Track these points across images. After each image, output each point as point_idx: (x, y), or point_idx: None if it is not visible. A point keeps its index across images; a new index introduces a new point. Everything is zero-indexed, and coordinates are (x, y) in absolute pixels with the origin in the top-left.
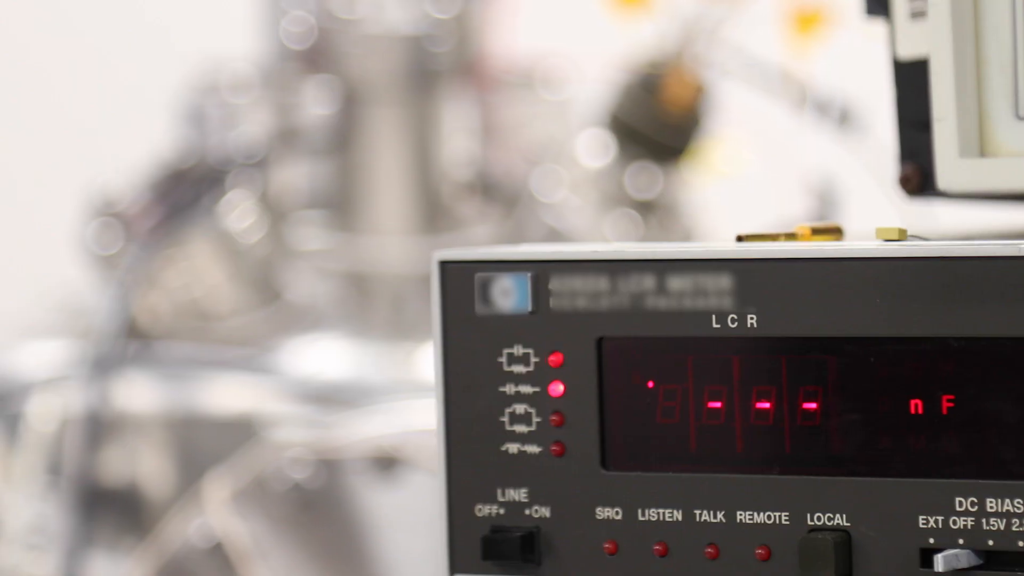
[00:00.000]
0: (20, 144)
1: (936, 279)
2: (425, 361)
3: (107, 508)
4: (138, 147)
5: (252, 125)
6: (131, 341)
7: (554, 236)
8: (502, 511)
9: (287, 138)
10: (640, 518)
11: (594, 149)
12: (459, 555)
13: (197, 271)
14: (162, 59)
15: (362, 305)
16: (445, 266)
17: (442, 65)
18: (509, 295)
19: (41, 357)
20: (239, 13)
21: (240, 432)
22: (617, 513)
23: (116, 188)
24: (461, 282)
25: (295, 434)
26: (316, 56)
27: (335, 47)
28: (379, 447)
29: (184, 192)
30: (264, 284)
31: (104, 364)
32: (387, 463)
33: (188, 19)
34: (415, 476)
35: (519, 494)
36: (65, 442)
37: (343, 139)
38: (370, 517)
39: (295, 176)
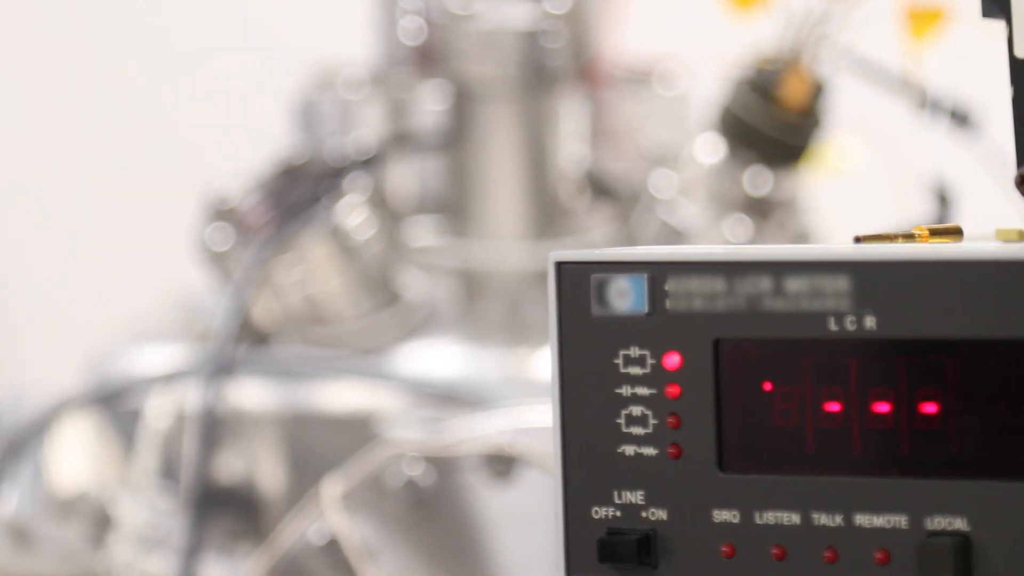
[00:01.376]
0: (142, 147)
1: None
2: (541, 362)
3: (222, 507)
4: (255, 149)
5: (367, 125)
6: (247, 341)
7: (670, 237)
8: (618, 513)
9: (402, 137)
10: (757, 521)
11: (709, 148)
12: (575, 557)
13: (313, 271)
14: (279, 62)
15: (477, 306)
16: (561, 267)
17: (557, 62)
18: (625, 296)
19: (159, 357)
20: (355, 13)
21: (355, 432)
22: (734, 516)
23: (232, 189)
24: (577, 283)
25: (410, 433)
26: (430, 54)
27: (449, 44)
28: (494, 446)
29: (300, 193)
30: (379, 284)
31: (220, 364)
32: (502, 463)
33: (304, 21)
34: (530, 476)
35: (635, 496)
36: (181, 441)
37: (457, 137)
38: (485, 516)
39: (409, 176)
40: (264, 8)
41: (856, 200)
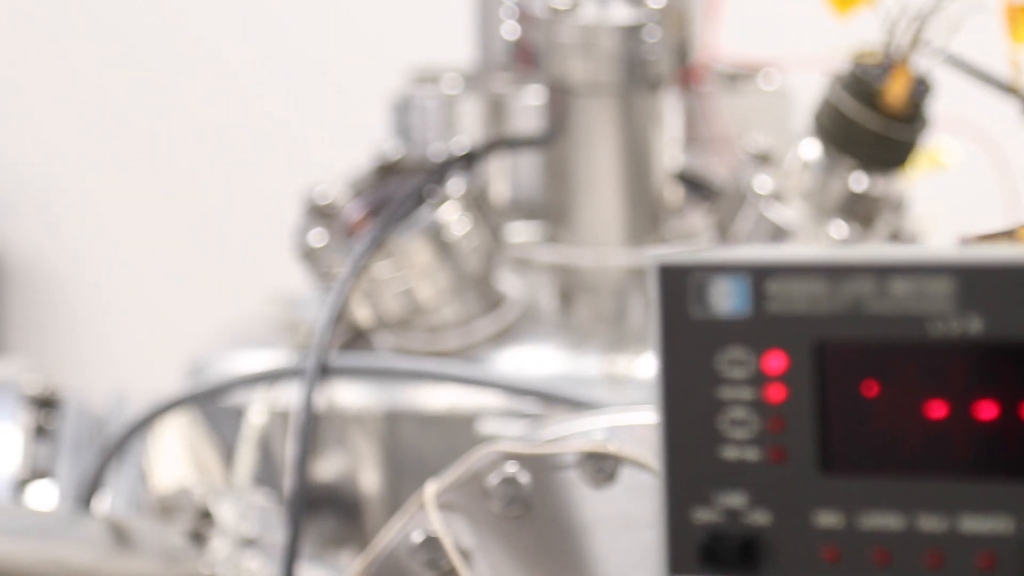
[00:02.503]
0: (245, 150)
1: None
2: (641, 363)
3: (320, 507)
4: (358, 151)
5: (467, 124)
6: (347, 342)
7: (771, 237)
8: (720, 517)
9: (502, 136)
10: (861, 525)
11: (810, 147)
12: (677, 561)
13: (413, 271)
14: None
15: (577, 306)
16: (662, 268)
17: (657, 58)
18: (727, 298)
19: (259, 360)
20: (454, 12)
21: (454, 432)
22: (837, 520)
23: (333, 191)
24: (678, 285)
25: (511, 434)
26: (529, 51)
27: (549, 41)
28: (594, 447)
29: (401, 193)
30: (478, 284)
31: (320, 364)
32: (602, 464)
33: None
34: (630, 477)
35: (737, 499)
36: (280, 441)
37: (557, 136)
38: (584, 518)
39: (509, 174)
40: (365, 10)
41: (958, 199)
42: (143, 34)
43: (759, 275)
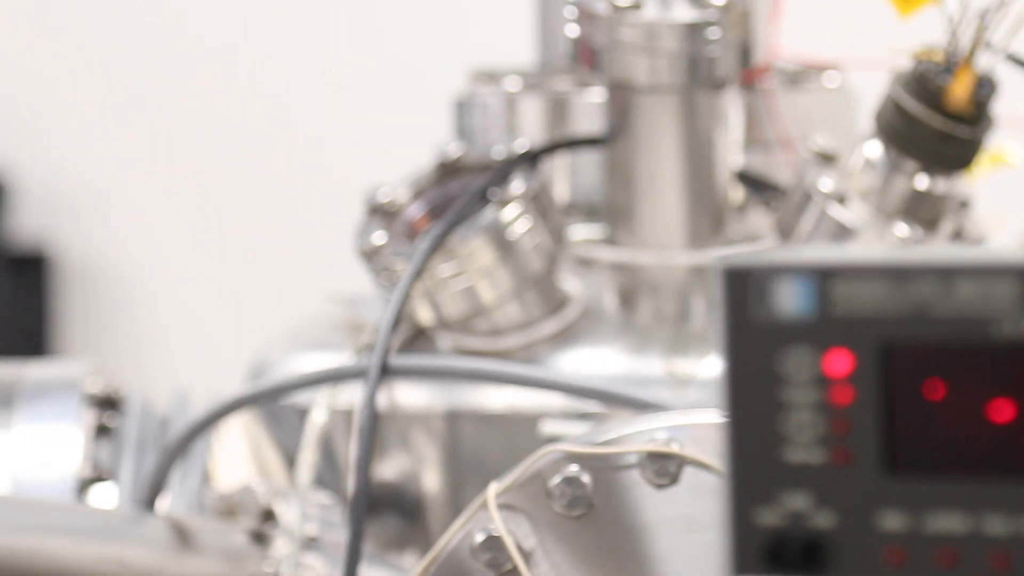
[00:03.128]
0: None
1: None
2: (705, 364)
3: (382, 507)
4: (419, 151)
5: (528, 123)
6: (408, 342)
7: (835, 238)
8: (785, 518)
9: (564, 135)
10: (926, 527)
11: (874, 147)
12: (741, 563)
13: (476, 271)
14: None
15: (640, 306)
16: (727, 271)
17: (719, 56)
18: (792, 300)
19: (321, 361)
20: (516, 10)
21: (516, 432)
22: (902, 522)
23: (395, 191)
24: (743, 287)
25: (573, 434)
26: (591, 49)
27: (611, 38)
28: (657, 447)
29: (463, 193)
30: (540, 283)
31: (382, 365)
32: (665, 465)
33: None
34: (693, 478)
35: (802, 501)
36: (342, 441)
37: (619, 134)
38: (647, 519)
39: (569, 174)
40: (428, 11)
41: (1021, 199)
42: (205, 35)
43: (824, 277)
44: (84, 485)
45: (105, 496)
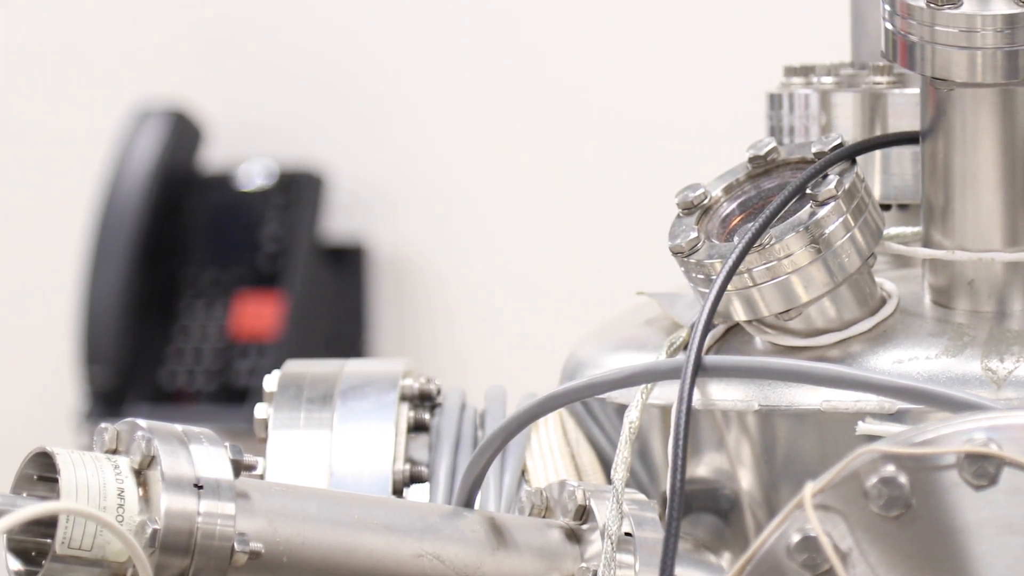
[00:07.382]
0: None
1: None
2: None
3: (697, 505)
4: (731, 148)
5: (843, 119)
6: (722, 339)
7: None
8: None
9: (880, 132)
10: None
11: None
12: None
13: (790, 269)
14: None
15: (956, 305)
16: None
17: None
18: None
19: (635, 357)
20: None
21: (831, 431)
22: None
23: (708, 188)
24: None
25: (889, 432)
26: (906, 43)
27: (927, 32)
28: (976, 448)
29: (776, 190)
30: (854, 280)
31: (697, 364)
32: (985, 465)
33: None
34: (1013, 480)
35: None
36: (657, 439)
37: (935, 130)
38: (965, 521)
39: (881, 171)
40: (741, 8)
41: None
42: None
43: None
44: (402, 481)
45: (422, 493)
